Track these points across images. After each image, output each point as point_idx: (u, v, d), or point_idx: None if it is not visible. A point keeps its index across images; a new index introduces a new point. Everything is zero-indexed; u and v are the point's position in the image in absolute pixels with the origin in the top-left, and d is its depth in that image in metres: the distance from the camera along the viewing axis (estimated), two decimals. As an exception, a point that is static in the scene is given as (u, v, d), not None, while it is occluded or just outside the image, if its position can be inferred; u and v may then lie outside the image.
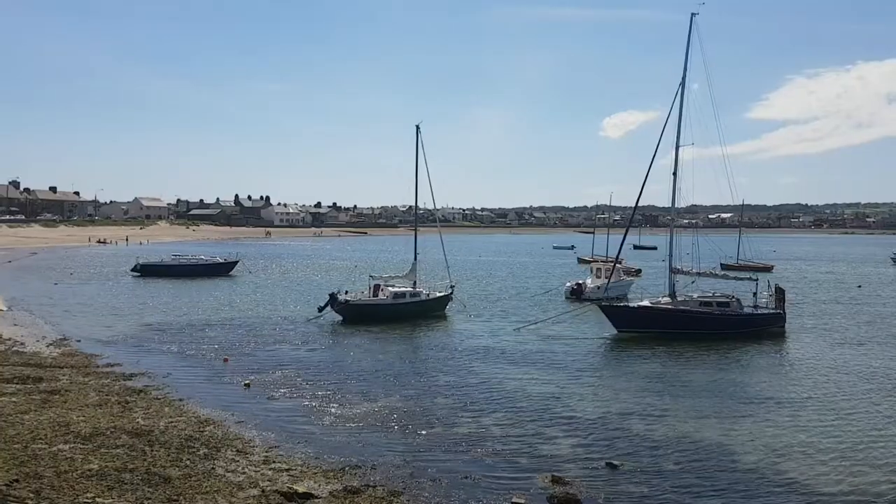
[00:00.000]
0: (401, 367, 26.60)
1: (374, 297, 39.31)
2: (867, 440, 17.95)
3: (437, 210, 54.09)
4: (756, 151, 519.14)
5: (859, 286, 64.01)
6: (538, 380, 24.60)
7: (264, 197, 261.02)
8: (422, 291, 40.75)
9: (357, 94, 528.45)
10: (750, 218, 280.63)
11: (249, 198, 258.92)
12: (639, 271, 70.43)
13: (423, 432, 18.03)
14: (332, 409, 20.04)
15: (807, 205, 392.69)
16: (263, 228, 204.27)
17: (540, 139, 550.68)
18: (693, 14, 36.20)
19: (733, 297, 36.28)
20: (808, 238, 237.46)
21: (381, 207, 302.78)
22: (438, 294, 41.63)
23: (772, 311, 36.55)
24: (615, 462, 15.86)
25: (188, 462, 14.60)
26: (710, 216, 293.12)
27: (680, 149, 36.73)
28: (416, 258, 42.25)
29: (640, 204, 39.73)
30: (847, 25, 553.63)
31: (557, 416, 19.84)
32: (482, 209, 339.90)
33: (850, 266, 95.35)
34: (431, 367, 26.59)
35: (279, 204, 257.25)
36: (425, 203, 46.56)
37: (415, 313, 38.79)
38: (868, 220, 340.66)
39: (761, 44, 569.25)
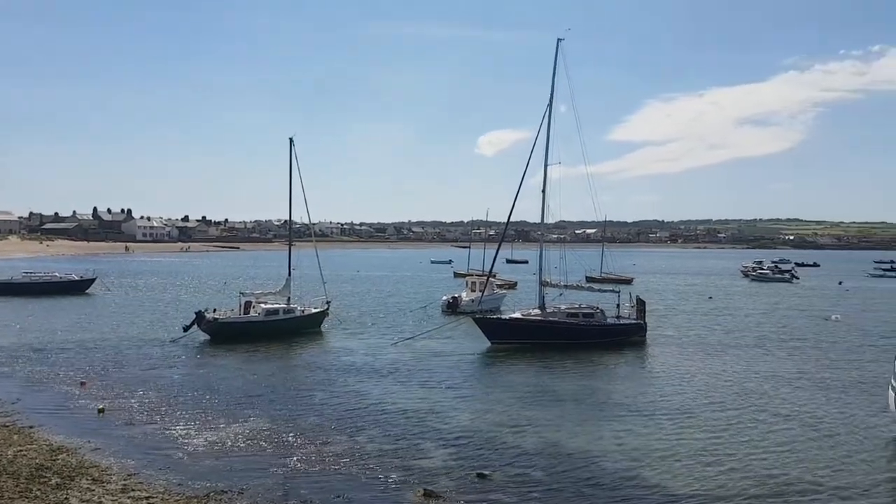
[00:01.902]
0: (272, 386, 25.93)
1: (244, 314, 38.16)
2: (721, 443, 19.28)
3: (314, 224, 53.34)
4: (618, 171, 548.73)
5: (710, 297, 69.09)
6: (413, 394, 24.75)
7: (126, 210, 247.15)
8: (296, 308, 39.97)
9: (227, 105, 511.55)
10: (612, 233, 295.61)
11: (109, 211, 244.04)
12: (514, 284, 72.78)
13: (295, 453, 17.66)
14: (198, 433, 19.24)
15: (664, 221, 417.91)
16: (124, 244, 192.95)
17: (418, 155, 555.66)
18: (559, 39, 38.03)
19: (598, 308, 38.12)
20: (665, 252, 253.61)
21: (255, 221, 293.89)
22: (314, 310, 40.99)
23: (633, 321, 38.66)
24: (486, 472, 16.23)
25: (38, 493, 13.63)
26: (576, 231, 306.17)
27: (548, 167, 38.43)
28: (290, 274, 41.44)
29: (512, 220, 41.08)
30: (701, 54, 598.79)
31: (431, 430, 20.04)
32: (361, 224, 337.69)
33: (704, 278, 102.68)
34: (305, 386, 26.12)
35: (142, 217, 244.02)
36: (301, 217, 45.89)
37: (289, 330, 37.97)
38: (719, 235, 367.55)
39: (622, 69, 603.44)
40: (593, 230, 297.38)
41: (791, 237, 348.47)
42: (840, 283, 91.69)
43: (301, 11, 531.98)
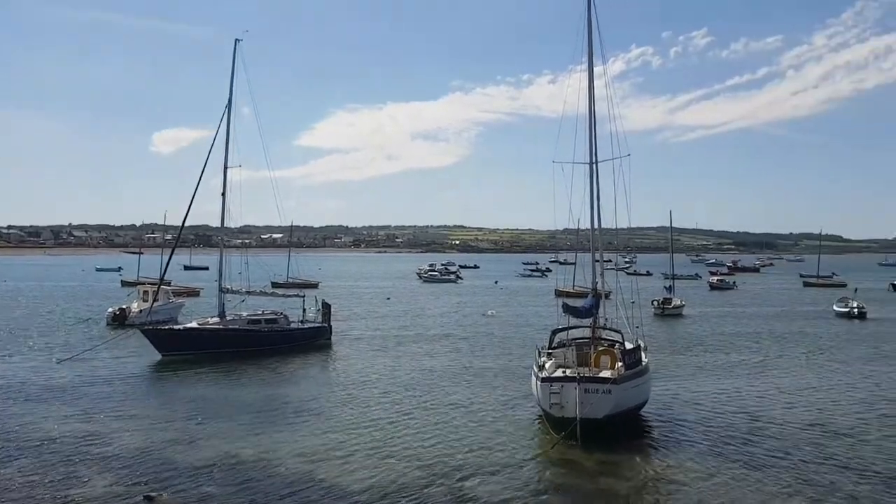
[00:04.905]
0: None
1: None
2: (395, 436, 20.37)
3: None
4: (305, 176, 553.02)
5: (388, 298, 73.20)
6: (71, 417, 22.11)
7: None
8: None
9: None
10: (299, 238, 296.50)
11: None
12: (197, 292, 69.46)
13: None
14: None
15: (348, 226, 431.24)
16: None
17: (82, 150, 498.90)
18: (237, 40, 37.27)
19: (281, 313, 38.11)
20: (350, 256, 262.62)
21: None
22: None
23: (318, 324, 39.29)
24: (153, 494, 15.13)
25: None
26: (263, 236, 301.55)
27: (229, 170, 37.40)
28: None
29: (194, 223, 39.36)
30: (380, 69, 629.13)
31: (93, 455, 18.10)
32: (9, 227, 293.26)
33: (385, 281, 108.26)
34: (-75, 420, 21.79)
35: None
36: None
37: None
38: (397, 240, 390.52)
39: (308, 76, 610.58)
40: (280, 235, 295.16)
41: (457, 242, 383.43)
42: (496, 282, 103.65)
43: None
